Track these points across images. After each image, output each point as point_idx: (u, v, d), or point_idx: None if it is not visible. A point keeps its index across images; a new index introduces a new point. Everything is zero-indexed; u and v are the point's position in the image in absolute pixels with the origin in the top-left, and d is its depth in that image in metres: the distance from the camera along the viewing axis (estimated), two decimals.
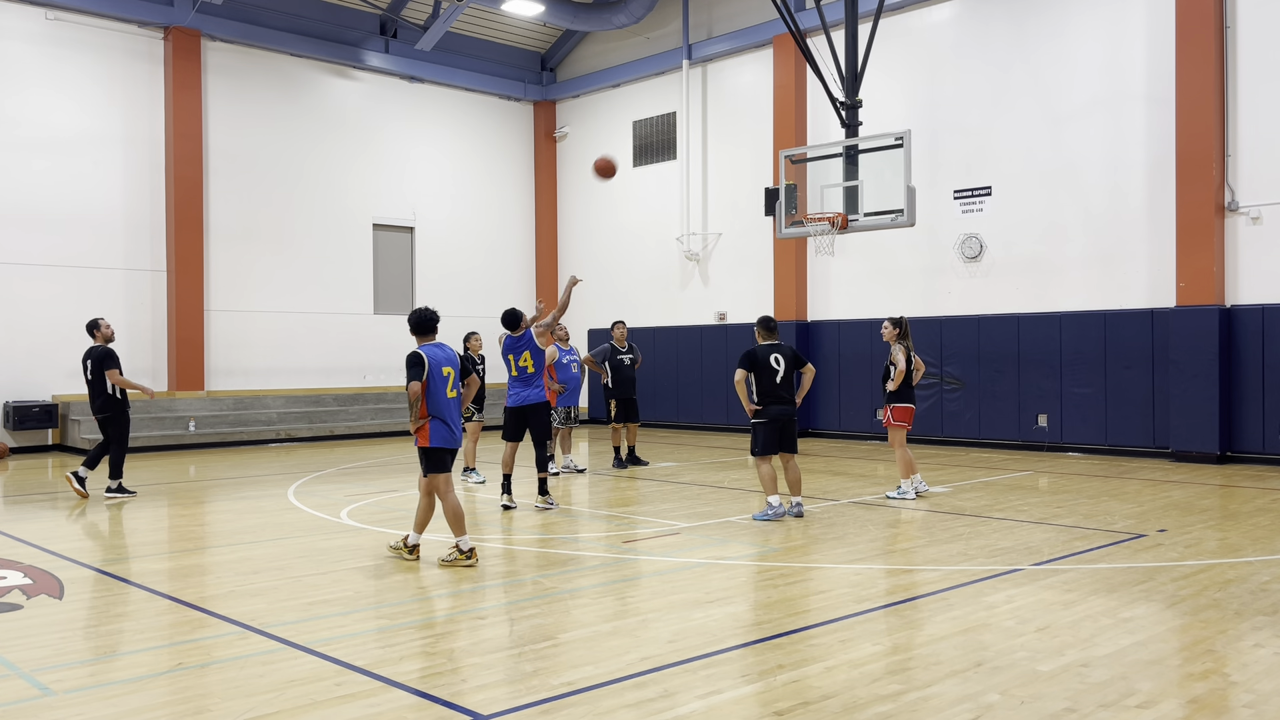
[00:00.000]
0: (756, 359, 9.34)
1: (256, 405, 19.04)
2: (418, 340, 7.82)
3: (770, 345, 9.47)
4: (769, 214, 14.07)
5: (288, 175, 19.96)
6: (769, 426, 9.38)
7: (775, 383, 9.31)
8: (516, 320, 10.17)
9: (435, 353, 7.70)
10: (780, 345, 9.54)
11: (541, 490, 10.24)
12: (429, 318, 7.81)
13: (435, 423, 7.60)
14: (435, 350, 7.71)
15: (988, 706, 4.45)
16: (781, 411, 9.37)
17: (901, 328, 10.80)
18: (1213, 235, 13.86)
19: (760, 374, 9.32)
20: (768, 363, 9.32)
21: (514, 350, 10.10)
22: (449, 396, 7.69)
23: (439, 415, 7.61)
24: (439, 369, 7.64)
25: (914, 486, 10.78)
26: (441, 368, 7.66)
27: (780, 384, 9.33)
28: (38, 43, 17.22)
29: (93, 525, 9.74)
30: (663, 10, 21.20)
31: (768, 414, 9.37)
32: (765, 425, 9.39)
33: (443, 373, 7.66)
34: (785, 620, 5.97)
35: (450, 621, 6.05)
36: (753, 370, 9.35)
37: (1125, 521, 9.23)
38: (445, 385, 7.66)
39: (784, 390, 9.37)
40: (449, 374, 7.70)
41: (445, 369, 7.68)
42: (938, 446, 16.30)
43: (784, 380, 9.37)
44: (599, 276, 23.01)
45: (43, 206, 17.18)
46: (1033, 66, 15.94)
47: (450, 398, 7.71)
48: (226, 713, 4.45)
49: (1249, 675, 4.90)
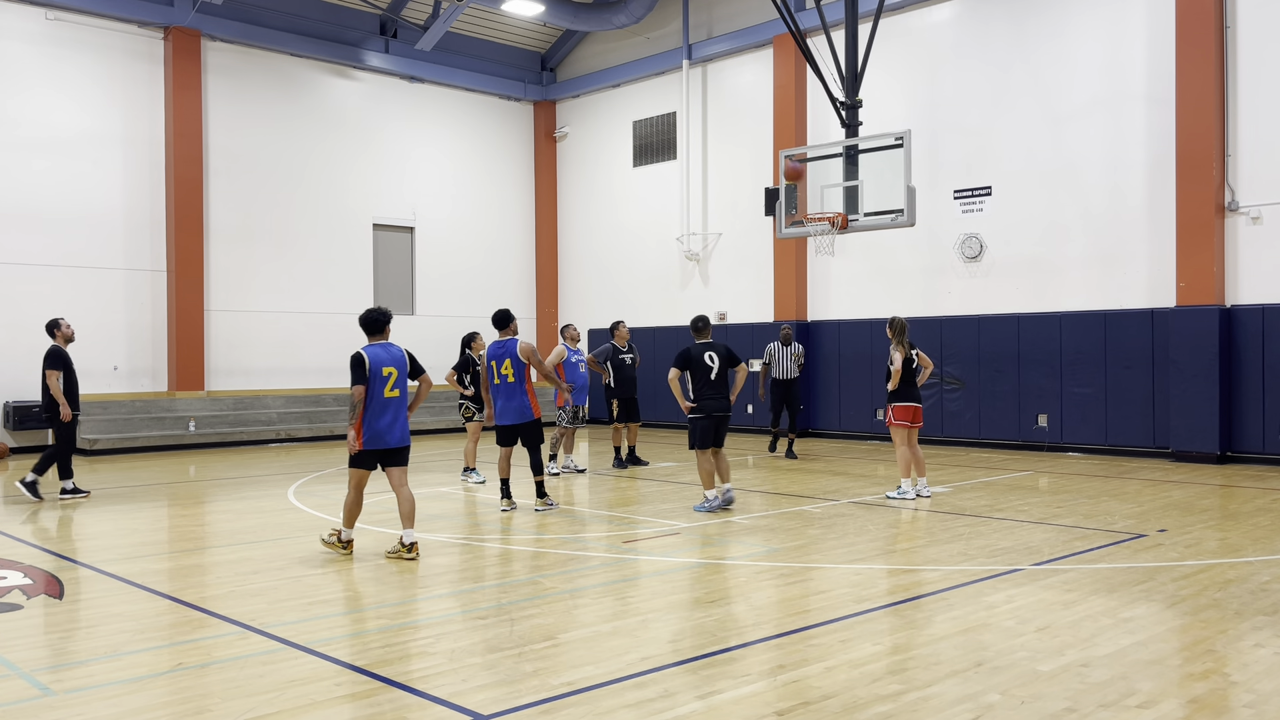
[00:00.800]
0: (691, 358, 9.70)
1: (256, 405, 19.04)
2: (368, 339, 8.01)
3: (705, 344, 9.82)
4: (769, 214, 14.06)
5: (288, 175, 19.96)
6: (705, 422, 9.70)
7: (709, 380, 9.66)
8: (506, 321, 10.01)
9: (379, 353, 7.87)
10: (714, 344, 9.90)
11: (539, 494, 10.17)
12: (377, 318, 7.99)
13: (367, 423, 7.79)
14: (379, 350, 7.89)
15: (988, 706, 4.45)
16: (716, 407, 9.71)
17: (894, 328, 10.80)
18: (1213, 235, 13.86)
19: (695, 372, 9.68)
20: (702, 361, 9.66)
21: (497, 356, 9.85)
22: (387, 396, 7.85)
23: (373, 415, 7.79)
24: (380, 369, 7.81)
25: (916, 488, 10.78)
26: (383, 368, 7.82)
27: (714, 381, 9.68)
28: (38, 43, 17.22)
29: (93, 525, 9.74)
30: (663, 10, 21.20)
31: (703, 409, 9.71)
32: (701, 421, 9.72)
33: (383, 373, 7.82)
34: (785, 620, 5.97)
35: (450, 621, 6.05)
36: (687, 369, 9.71)
37: (1125, 521, 9.22)
38: (385, 385, 7.83)
39: (718, 386, 9.73)
40: (390, 374, 7.85)
41: (386, 369, 7.84)
42: (938, 446, 16.30)
43: (718, 378, 9.72)
44: (599, 276, 23.03)
45: (43, 206, 17.18)
46: (1033, 66, 15.94)
47: (390, 397, 7.86)
48: (226, 713, 4.45)
49: (1249, 675, 4.90)
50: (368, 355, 7.81)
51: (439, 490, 11.94)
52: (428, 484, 12.52)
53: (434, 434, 20.19)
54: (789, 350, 14.75)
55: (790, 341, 14.81)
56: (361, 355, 7.80)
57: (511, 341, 9.90)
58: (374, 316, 8.01)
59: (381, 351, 7.88)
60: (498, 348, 9.91)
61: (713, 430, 9.75)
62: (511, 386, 9.84)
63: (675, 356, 9.76)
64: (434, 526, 9.39)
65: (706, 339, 9.95)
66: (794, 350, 14.82)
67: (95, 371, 17.71)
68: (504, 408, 9.90)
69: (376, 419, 7.82)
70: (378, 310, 8.07)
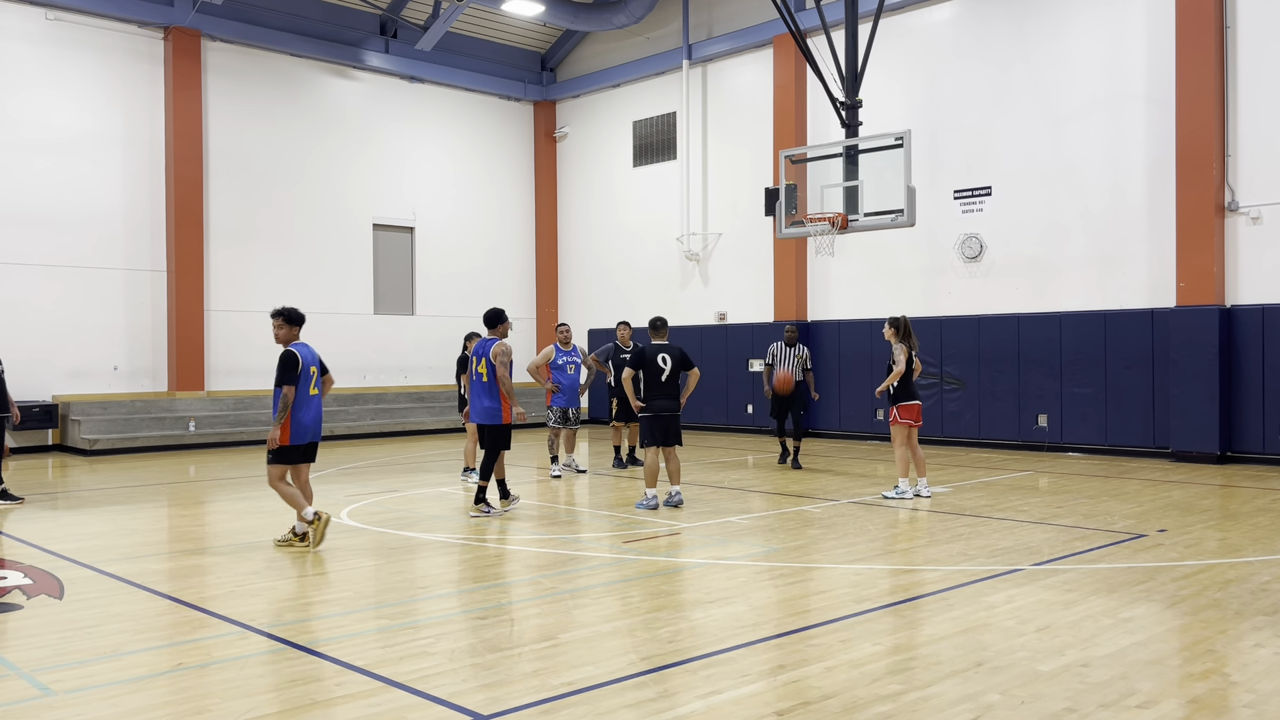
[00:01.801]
0: (645, 358, 9.96)
1: (256, 405, 19.03)
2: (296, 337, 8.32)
3: (659, 346, 10.04)
4: (769, 214, 14.06)
5: (288, 175, 19.97)
6: (652, 420, 9.93)
7: (660, 381, 9.88)
8: (494, 321, 9.94)
9: (306, 352, 8.21)
10: (669, 346, 10.12)
11: (477, 499, 9.82)
12: (302, 316, 8.35)
13: (293, 420, 8.07)
14: (304, 349, 8.23)
15: (988, 706, 4.45)
16: (664, 407, 9.91)
17: (899, 328, 10.81)
18: (1213, 235, 13.86)
19: (647, 372, 9.89)
20: (655, 362, 9.88)
21: (478, 355, 9.83)
22: (312, 393, 8.22)
23: (298, 413, 8.08)
24: (307, 368, 8.16)
25: (915, 488, 10.78)
26: (310, 366, 8.20)
27: (665, 382, 9.90)
28: (38, 43, 17.22)
29: (93, 525, 9.73)
30: (663, 10, 21.20)
31: (651, 408, 9.95)
32: (649, 419, 9.97)
33: (310, 371, 8.20)
34: (785, 620, 5.97)
35: (450, 621, 6.05)
36: (640, 368, 9.96)
37: (1125, 521, 9.22)
38: (310, 384, 8.20)
39: (668, 388, 9.93)
40: (314, 372, 8.26)
41: (312, 368, 8.24)
42: (938, 446, 16.30)
43: (669, 379, 9.94)
44: (599, 276, 23.03)
45: (43, 206, 17.18)
46: (1033, 66, 15.94)
47: (314, 395, 8.26)
48: (226, 713, 4.45)
49: (1249, 675, 4.90)
50: (300, 354, 8.12)
51: (439, 490, 11.94)
52: (428, 484, 12.53)
53: (433, 434, 20.19)
54: (793, 352, 13.75)
55: (795, 343, 13.82)
56: (294, 354, 8.09)
57: (493, 341, 9.86)
58: (301, 315, 8.34)
59: (306, 350, 8.23)
60: (481, 346, 9.91)
61: (661, 429, 9.96)
62: (484, 386, 9.78)
63: (630, 355, 10.05)
64: (434, 526, 9.39)
65: (663, 340, 10.21)
66: (799, 352, 13.73)
67: (95, 371, 17.72)
68: (474, 405, 9.95)
69: (303, 415, 8.14)
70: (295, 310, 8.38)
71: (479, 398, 9.85)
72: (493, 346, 9.75)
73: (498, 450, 9.90)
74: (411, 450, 17.05)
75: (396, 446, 17.73)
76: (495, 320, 9.97)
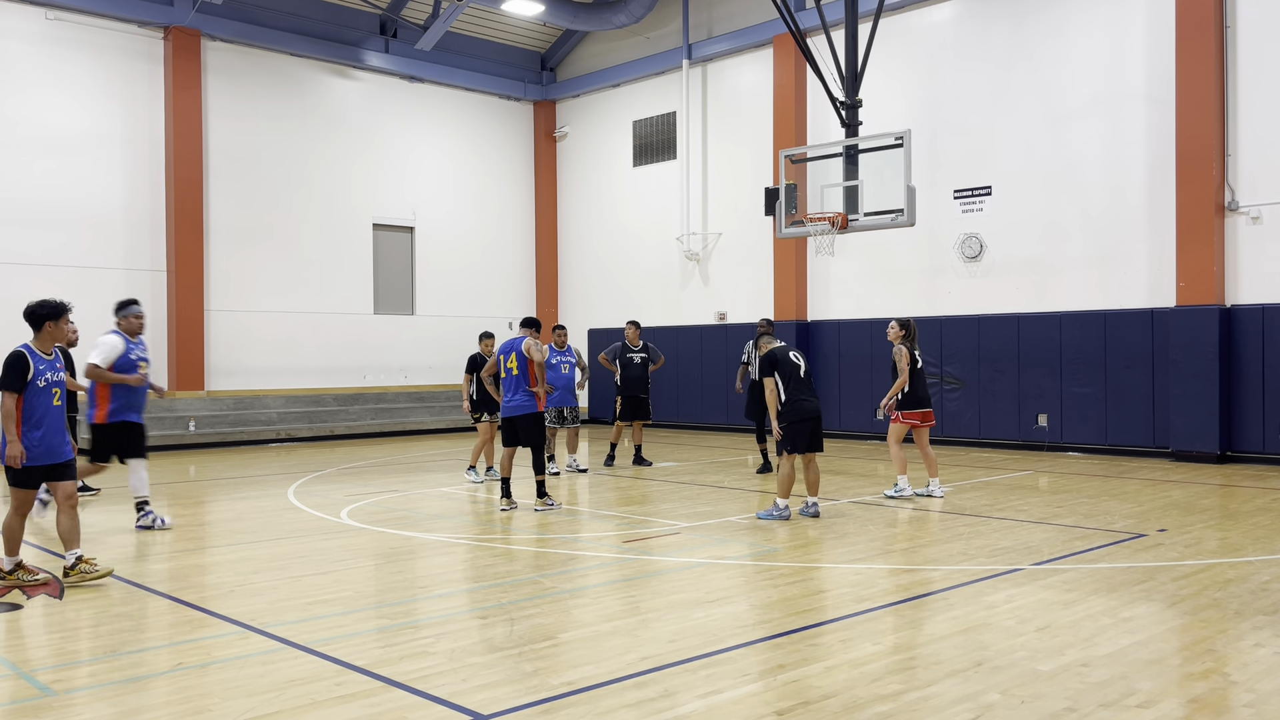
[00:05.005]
0: (778, 360, 10.05)
1: (256, 405, 19.03)
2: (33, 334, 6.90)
3: (786, 345, 10.28)
4: (769, 214, 14.06)
5: (288, 175, 19.96)
6: (800, 425, 9.88)
7: (800, 378, 10.02)
8: (530, 324, 10.52)
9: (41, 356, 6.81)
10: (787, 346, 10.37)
11: (540, 493, 10.22)
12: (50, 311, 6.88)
13: (35, 437, 6.68)
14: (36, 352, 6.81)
15: (988, 706, 4.45)
16: (813, 409, 9.98)
17: (908, 330, 10.85)
18: (1213, 235, 13.86)
19: (783, 373, 9.94)
20: (790, 360, 9.99)
21: (506, 351, 10.27)
22: (56, 404, 6.74)
23: (35, 427, 6.68)
24: (40, 376, 6.72)
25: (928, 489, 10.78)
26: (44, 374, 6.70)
27: (805, 379, 10.05)
28: (38, 43, 17.21)
29: (93, 526, 9.73)
30: (663, 10, 21.19)
31: (798, 411, 9.92)
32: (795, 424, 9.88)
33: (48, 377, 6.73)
34: (785, 620, 5.97)
35: (450, 621, 6.05)
36: (777, 372, 10.05)
37: (1125, 521, 9.22)
38: (51, 394, 6.73)
39: (810, 386, 10.09)
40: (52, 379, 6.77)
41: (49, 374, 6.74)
42: (938, 446, 16.26)
43: (807, 374, 10.13)
44: (599, 276, 23.02)
45: (43, 206, 17.18)
46: (1033, 66, 15.94)
47: (56, 406, 6.75)
48: (226, 713, 4.45)
49: (1249, 675, 4.90)
50: (31, 357, 6.68)
51: (439, 490, 11.95)
52: (428, 484, 12.54)
53: (434, 434, 20.18)
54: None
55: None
56: (24, 355, 6.65)
57: (521, 339, 10.26)
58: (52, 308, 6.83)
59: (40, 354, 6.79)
60: (509, 343, 10.30)
61: (808, 434, 9.89)
62: (515, 380, 10.12)
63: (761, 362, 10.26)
64: (434, 526, 9.39)
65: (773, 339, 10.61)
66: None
67: None
68: (507, 401, 10.22)
69: (44, 430, 6.68)
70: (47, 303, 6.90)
71: (510, 395, 10.17)
72: (524, 341, 10.16)
73: (538, 442, 10.22)
74: (412, 450, 17.05)
75: (396, 446, 17.72)
76: (530, 324, 10.55)
